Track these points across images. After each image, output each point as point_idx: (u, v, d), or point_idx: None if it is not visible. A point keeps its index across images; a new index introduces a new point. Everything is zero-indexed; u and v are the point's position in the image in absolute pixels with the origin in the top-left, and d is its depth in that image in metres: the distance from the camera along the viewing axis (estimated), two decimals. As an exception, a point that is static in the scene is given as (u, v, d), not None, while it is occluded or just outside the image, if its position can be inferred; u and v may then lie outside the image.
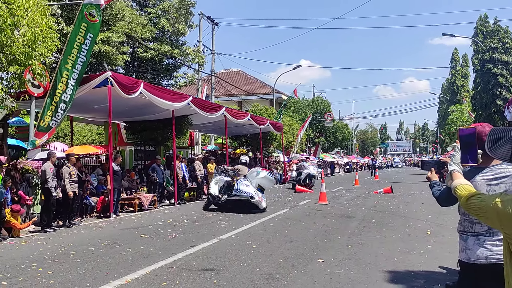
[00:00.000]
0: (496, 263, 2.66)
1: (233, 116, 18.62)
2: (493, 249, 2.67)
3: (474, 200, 1.79)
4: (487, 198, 1.71)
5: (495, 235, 2.69)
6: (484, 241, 2.70)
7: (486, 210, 1.67)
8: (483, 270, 2.70)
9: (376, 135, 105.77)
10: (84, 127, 27.30)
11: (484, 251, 2.68)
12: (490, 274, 2.70)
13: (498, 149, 1.65)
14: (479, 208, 1.73)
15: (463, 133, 2.27)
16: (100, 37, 16.82)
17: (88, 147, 16.06)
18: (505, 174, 2.66)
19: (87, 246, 7.49)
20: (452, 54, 57.50)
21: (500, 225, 1.62)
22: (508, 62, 25.48)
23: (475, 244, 2.73)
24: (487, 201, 1.68)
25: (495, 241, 2.68)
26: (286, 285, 5.05)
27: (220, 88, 30.61)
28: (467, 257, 2.76)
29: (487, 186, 2.67)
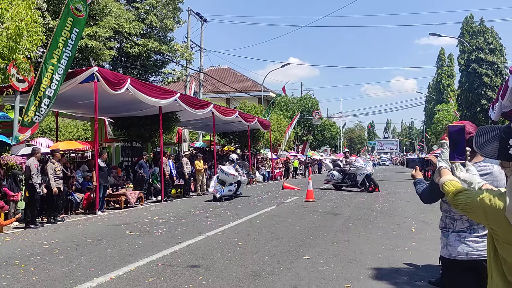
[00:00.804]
0: (476, 259, 2.70)
1: (221, 113, 18.58)
2: (473, 245, 2.71)
3: (461, 196, 1.81)
4: (474, 194, 1.73)
5: (476, 231, 2.73)
6: (465, 237, 2.74)
7: (473, 206, 1.69)
8: (464, 266, 2.74)
9: (364, 134, 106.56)
10: (70, 123, 27.03)
11: (465, 247, 2.72)
12: (471, 269, 2.74)
13: (486, 147, 1.68)
14: (465, 204, 1.75)
15: (452, 130, 2.29)
16: (86, 32, 16.63)
17: (73, 143, 15.90)
18: (486, 172, 2.70)
19: (72, 243, 7.42)
20: (438, 54, 58.08)
21: (486, 221, 1.64)
22: (493, 62, 25.83)
23: (456, 240, 2.77)
24: (474, 197, 1.70)
25: (475, 237, 2.72)
26: (272, 281, 5.07)
27: (208, 85, 30.52)
28: (448, 253, 2.80)
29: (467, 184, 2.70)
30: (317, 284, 4.97)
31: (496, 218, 1.58)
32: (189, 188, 16.69)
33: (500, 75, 25.81)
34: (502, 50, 26.86)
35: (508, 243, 1.57)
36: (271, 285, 4.92)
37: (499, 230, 1.59)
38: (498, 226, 1.59)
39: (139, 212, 11.86)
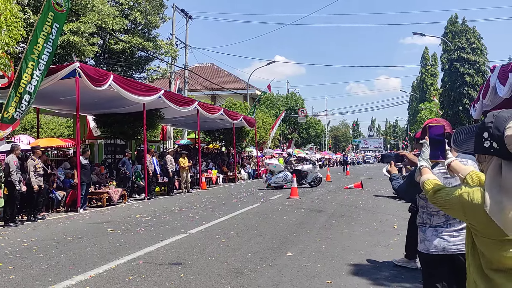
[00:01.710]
0: (453, 253, 2.73)
1: (206, 110, 18.50)
2: (450, 239, 2.74)
3: (440, 194, 1.83)
4: (452, 190, 1.75)
5: (452, 226, 2.76)
6: (442, 232, 2.77)
7: (452, 203, 1.71)
8: (441, 260, 2.77)
9: (349, 132, 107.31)
10: (53, 120, 26.64)
11: (441, 242, 2.75)
12: (448, 263, 2.77)
13: (464, 144, 1.73)
14: (445, 201, 1.77)
15: (432, 130, 2.30)
16: (69, 27, 16.36)
17: (54, 140, 15.65)
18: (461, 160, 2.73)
19: (52, 241, 7.31)
20: (422, 53, 58.74)
21: (464, 216, 1.66)
22: (475, 61, 26.21)
23: (433, 235, 2.80)
24: (452, 193, 1.72)
25: (452, 232, 2.75)
26: (254, 278, 5.06)
27: (193, 82, 30.36)
28: (425, 248, 2.83)
29: (444, 179, 2.73)
30: (299, 280, 4.97)
31: (474, 212, 1.60)
32: (173, 186, 16.59)
33: (481, 74, 26.22)
34: (484, 49, 27.29)
35: (486, 237, 1.58)
36: (253, 282, 4.91)
37: (477, 224, 1.61)
38: (477, 221, 1.60)
39: (121, 210, 11.74)
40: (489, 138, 1.55)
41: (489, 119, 1.57)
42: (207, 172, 20.68)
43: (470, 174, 2.08)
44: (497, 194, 1.51)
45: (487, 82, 14.21)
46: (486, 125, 1.56)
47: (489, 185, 1.55)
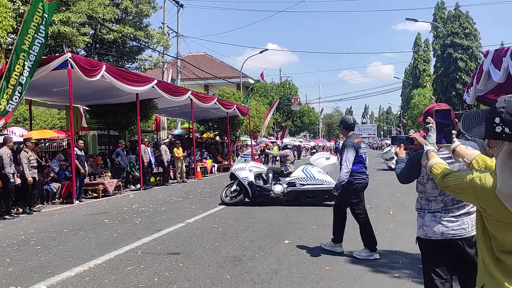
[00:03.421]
0: (451, 238, 2.76)
1: (199, 100, 18.40)
2: (448, 225, 2.76)
3: (450, 178, 1.83)
4: (463, 174, 1.75)
5: (451, 212, 2.78)
6: (440, 217, 2.79)
7: (463, 187, 1.72)
8: (439, 245, 2.80)
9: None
10: (45, 112, 26.39)
11: (440, 227, 2.78)
12: (446, 248, 2.80)
13: (473, 129, 1.73)
14: (455, 185, 1.77)
15: (439, 114, 2.30)
16: (59, 17, 16.13)
17: (47, 132, 15.51)
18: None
19: (49, 233, 7.29)
20: (415, 39, 58.65)
21: (477, 200, 1.67)
22: (468, 47, 26.25)
23: (431, 220, 2.82)
24: (463, 178, 1.72)
25: (450, 217, 2.77)
26: (252, 266, 5.08)
27: (186, 72, 30.16)
28: (424, 233, 2.85)
29: (445, 164, 2.74)
30: (297, 268, 5.01)
31: (487, 197, 1.61)
32: (168, 176, 16.57)
33: (474, 59, 26.26)
34: (477, 34, 27.29)
35: (498, 221, 1.60)
36: (252, 270, 4.94)
37: (489, 208, 1.62)
38: (489, 205, 1.62)
39: (117, 200, 11.72)
40: (500, 123, 1.55)
41: (500, 104, 1.56)
42: (202, 161, 20.65)
43: (476, 158, 2.08)
44: (509, 177, 1.51)
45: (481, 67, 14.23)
46: (497, 110, 1.56)
47: (501, 169, 1.56)
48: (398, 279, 4.56)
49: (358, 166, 5.45)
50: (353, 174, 5.41)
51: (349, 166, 5.33)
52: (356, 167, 5.43)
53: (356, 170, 5.44)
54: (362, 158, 5.49)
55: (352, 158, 5.37)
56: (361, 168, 5.50)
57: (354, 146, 5.40)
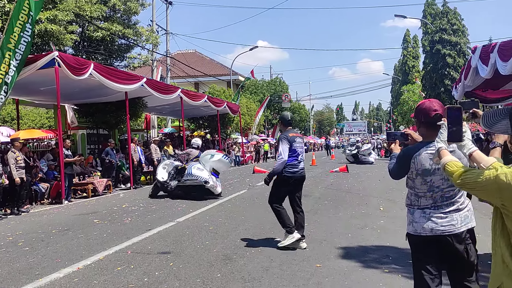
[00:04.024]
0: (440, 235, 2.76)
1: (189, 98, 18.31)
2: (438, 221, 2.76)
3: (469, 175, 1.81)
4: (481, 172, 1.74)
5: (440, 208, 2.78)
6: (430, 214, 2.79)
7: (485, 184, 1.70)
8: (429, 241, 2.80)
9: (333, 116, 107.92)
10: (33, 111, 26.09)
11: (429, 224, 2.77)
12: (435, 244, 2.80)
13: (495, 125, 1.75)
14: (475, 183, 1.76)
15: (450, 111, 2.28)
16: (46, 15, 15.93)
17: (34, 131, 15.32)
18: (448, 149, 2.74)
19: (37, 234, 7.21)
20: (404, 36, 58.89)
21: (500, 198, 1.66)
22: (456, 43, 26.43)
23: (421, 217, 2.81)
24: (485, 175, 1.70)
25: (440, 213, 2.77)
26: (243, 264, 5.07)
27: (176, 70, 30.00)
28: (414, 229, 2.85)
29: (430, 161, 2.74)
30: (288, 265, 5.00)
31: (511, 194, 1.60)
32: (158, 175, 16.45)
33: (463, 55, 26.45)
34: (465, 30, 27.49)
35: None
36: (243, 268, 4.92)
37: None
38: None
39: (107, 200, 11.63)
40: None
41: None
42: (193, 159, 20.55)
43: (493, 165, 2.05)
44: None
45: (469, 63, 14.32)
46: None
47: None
48: (389, 275, 4.58)
49: (290, 159, 5.78)
50: (285, 166, 5.77)
51: (284, 157, 5.70)
52: (289, 159, 5.77)
53: (288, 163, 5.77)
54: (295, 152, 5.83)
55: (287, 150, 5.75)
56: (292, 161, 5.80)
57: (288, 139, 5.79)
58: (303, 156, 5.98)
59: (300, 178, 5.93)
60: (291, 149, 5.77)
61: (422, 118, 2.81)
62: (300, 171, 5.88)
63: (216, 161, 11.41)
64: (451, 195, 2.78)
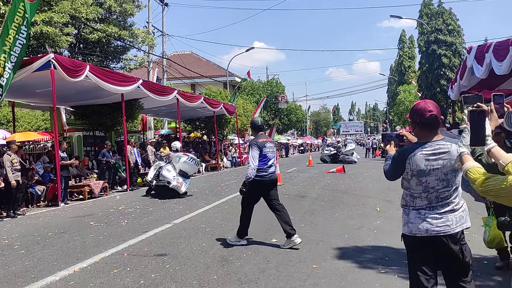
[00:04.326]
0: (436, 235, 2.76)
1: (185, 99, 18.30)
2: (433, 222, 2.77)
3: (492, 182, 1.79)
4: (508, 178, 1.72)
5: (435, 209, 2.79)
6: (425, 214, 2.80)
7: (509, 191, 1.68)
8: (424, 242, 2.80)
9: (329, 116, 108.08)
10: (29, 113, 26.00)
11: (425, 224, 2.78)
12: (431, 245, 2.80)
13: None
14: (500, 189, 1.74)
15: (473, 115, 2.25)
16: (41, 17, 15.91)
17: (30, 134, 15.25)
18: (443, 150, 2.75)
19: (33, 237, 7.18)
20: (400, 36, 59.08)
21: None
22: (452, 43, 26.51)
23: (416, 217, 2.82)
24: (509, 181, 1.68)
25: (435, 214, 2.78)
26: (240, 266, 5.07)
27: (172, 71, 29.99)
28: (409, 230, 2.86)
29: (425, 161, 2.75)
30: (285, 266, 5.00)
31: None
32: (155, 176, 16.42)
33: (458, 55, 26.52)
34: (460, 31, 27.56)
35: None
36: (239, 270, 4.92)
37: None
38: None
39: (104, 202, 11.60)
40: None
41: None
42: (189, 161, 20.52)
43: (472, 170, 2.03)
44: None
45: (464, 63, 14.38)
46: None
47: None
48: (385, 275, 4.59)
49: (260, 164, 5.96)
50: None
51: (255, 163, 5.88)
52: (259, 164, 5.95)
53: (258, 167, 5.94)
54: (266, 157, 6.00)
55: (257, 155, 5.92)
56: (262, 166, 5.96)
57: (258, 145, 5.96)
58: (274, 160, 6.15)
59: (270, 182, 6.07)
60: (261, 154, 5.95)
61: (417, 119, 2.82)
62: (270, 175, 6.03)
63: (182, 163, 12.03)
64: (446, 195, 2.79)
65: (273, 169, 6.08)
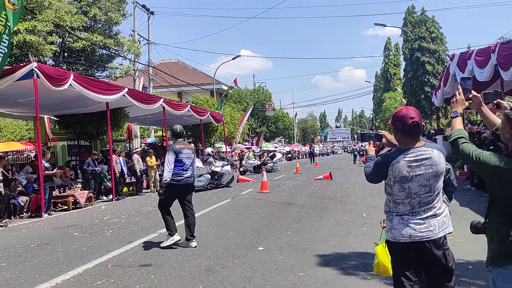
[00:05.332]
0: (419, 241, 2.77)
1: (172, 107, 18.22)
2: (416, 227, 2.77)
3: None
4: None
5: (418, 214, 2.79)
6: (408, 220, 2.80)
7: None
8: (408, 248, 2.80)
9: (316, 124, 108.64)
10: (12, 123, 25.63)
11: (408, 230, 2.78)
12: (414, 251, 2.80)
13: None
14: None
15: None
16: (24, 26, 15.75)
17: (13, 144, 15.05)
18: (425, 156, 2.76)
19: (15, 249, 7.02)
20: (385, 44, 59.79)
21: None
22: (435, 50, 26.89)
23: (399, 223, 2.82)
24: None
25: (418, 220, 2.78)
26: (226, 275, 5.01)
27: (158, 79, 29.87)
28: (393, 236, 2.86)
29: (408, 168, 2.76)
30: (271, 275, 4.96)
31: None
32: (141, 186, 16.30)
33: (441, 62, 26.89)
34: (443, 38, 27.97)
35: None
36: (225, 279, 4.87)
37: None
38: None
39: (88, 212, 11.43)
40: None
41: None
42: (176, 169, 20.38)
43: None
44: None
45: (447, 70, 14.62)
46: None
47: None
48: (371, 281, 4.58)
49: (176, 168, 6.41)
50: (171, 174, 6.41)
51: (170, 166, 6.34)
52: (175, 169, 6.40)
53: (174, 171, 6.40)
54: (181, 162, 6.44)
55: (172, 160, 6.37)
56: (177, 171, 6.42)
57: (175, 151, 6.42)
58: (192, 165, 6.62)
59: (186, 185, 6.56)
60: (177, 159, 6.40)
61: (399, 126, 2.83)
62: (186, 179, 6.51)
63: None
64: (428, 200, 2.80)
65: (189, 173, 6.55)
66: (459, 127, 2.45)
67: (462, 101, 2.56)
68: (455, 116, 2.53)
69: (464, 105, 2.57)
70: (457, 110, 2.54)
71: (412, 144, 2.82)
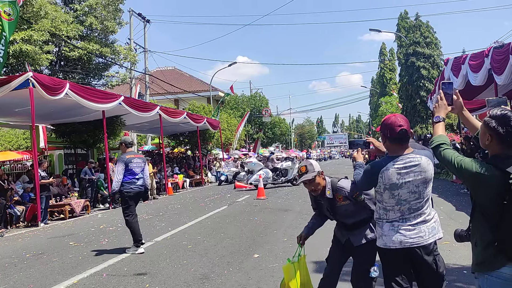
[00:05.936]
0: (409, 247, 2.78)
1: (168, 115, 18.25)
2: (406, 233, 2.79)
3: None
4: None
5: (408, 220, 2.81)
6: (398, 226, 2.82)
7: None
8: (398, 254, 2.82)
9: (313, 129, 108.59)
10: (9, 132, 25.59)
11: (398, 236, 2.80)
12: (405, 257, 2.82)
13: None
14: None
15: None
16: (20, 35, 15.77)
17: (9, 153, 15.01)
18: (414, 163, 2.79)
19: (10, 259, 7.01)
20: (380, 49, 60.10)
21: None
22: (430, 55, 27.01)
23: (390, 230, 2.84)
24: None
25: (408, 226, 2.80)
26: (221, 283, 5.01)
27: (155, 87, 29.89)
28: (383, 242, 2.87)
29: (397, 175, 2.77)
30: (266, 282, 4.97)
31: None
32: (138, 193, 16.25)
33: (436, 67, 26.98)
34: (438, 43, 28.09)
35: None
36: (220, 287, 4.87)
37: None
38: None
39: (85, 221, 11.41)
40: None
41: None
42: (173, 177, 20.41)
43: None
44: None
45: (442, 74, 14.69)
46: None
47: None
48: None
49: (127, 178, 6.73)
50: (122, 184, 6.72)
51: (118, 176, 6.65)
52: (126, 178, 6.72)
53: (125, 181, 6.73)
54: (132, 171, 6.76)
55: (122, 170, 6.68)
56: (130, 179, 6.75)
57: (124, 161, 6.72)
58: (143, 173, 6.93)
59: (139, 193, 6.91)
60: (127, 169, 6.71)
61: (388, 133, 2.85)
62: (138, 187, 6.86)
63: None
64: (418, 207, 2.82)
65: (141, 181, 6.89)
66: (441, 133, 2.44)
67: (445, 106, 2.58)
68: (437, 121, 2.52)
69: (446, 110, 2.59)
70: (439, 115, 2.54)
71: (401, 151, 2.84)
